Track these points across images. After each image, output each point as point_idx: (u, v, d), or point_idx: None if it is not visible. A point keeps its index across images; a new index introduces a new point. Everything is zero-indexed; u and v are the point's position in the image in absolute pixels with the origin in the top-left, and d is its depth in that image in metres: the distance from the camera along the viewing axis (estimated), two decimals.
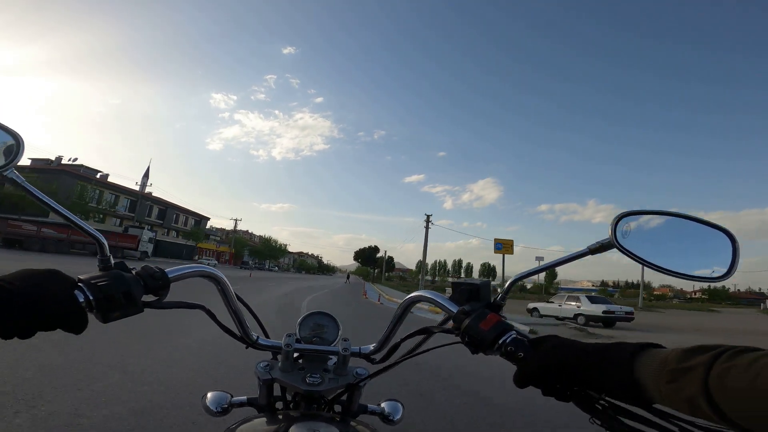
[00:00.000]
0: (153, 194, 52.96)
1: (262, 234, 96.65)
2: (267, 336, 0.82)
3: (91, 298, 0.49)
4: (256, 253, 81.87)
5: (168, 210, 56.03)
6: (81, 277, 0.50)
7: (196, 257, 54.76)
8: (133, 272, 0.55)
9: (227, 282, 0.71)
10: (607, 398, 0.46)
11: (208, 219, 67.47)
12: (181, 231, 56.84)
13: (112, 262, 0.55)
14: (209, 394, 0.78)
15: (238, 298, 0.75)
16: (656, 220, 0.58)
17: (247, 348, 0.79)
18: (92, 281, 0.50)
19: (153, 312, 0.60)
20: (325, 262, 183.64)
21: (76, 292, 0.48)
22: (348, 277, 67.53)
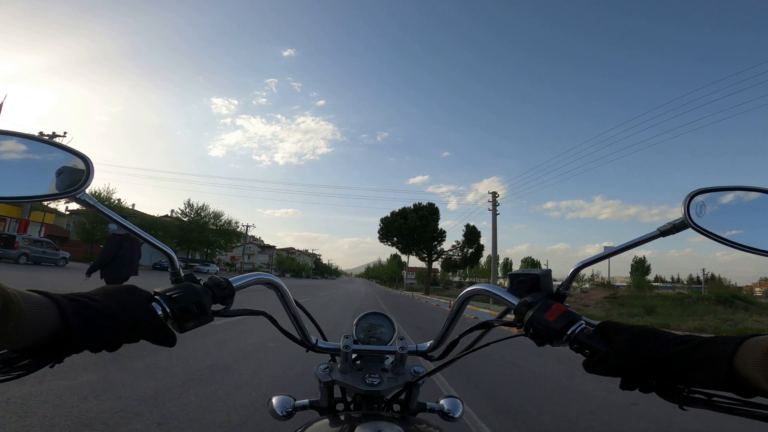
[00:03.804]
0: None
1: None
2: (325, 339, 0.83)
3: (168, 309, 0.51)
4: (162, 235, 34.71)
5: None
6: (156, 290, 0.52)
7: None
8: (201, 283, 0.57)
9: (286, 288, 0.72)
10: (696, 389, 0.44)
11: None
12: None
13: (182, 274, 0.57)
14: (274, 399, 0.79)
15: (297, 304, 0.76)
16: (732, 196, 0.55)
17: (307, 351, 0.80)
18: (167, 293, 0.52)
19: None
20: (327, 263, 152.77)
21: (154, 304, 0.50)
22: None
